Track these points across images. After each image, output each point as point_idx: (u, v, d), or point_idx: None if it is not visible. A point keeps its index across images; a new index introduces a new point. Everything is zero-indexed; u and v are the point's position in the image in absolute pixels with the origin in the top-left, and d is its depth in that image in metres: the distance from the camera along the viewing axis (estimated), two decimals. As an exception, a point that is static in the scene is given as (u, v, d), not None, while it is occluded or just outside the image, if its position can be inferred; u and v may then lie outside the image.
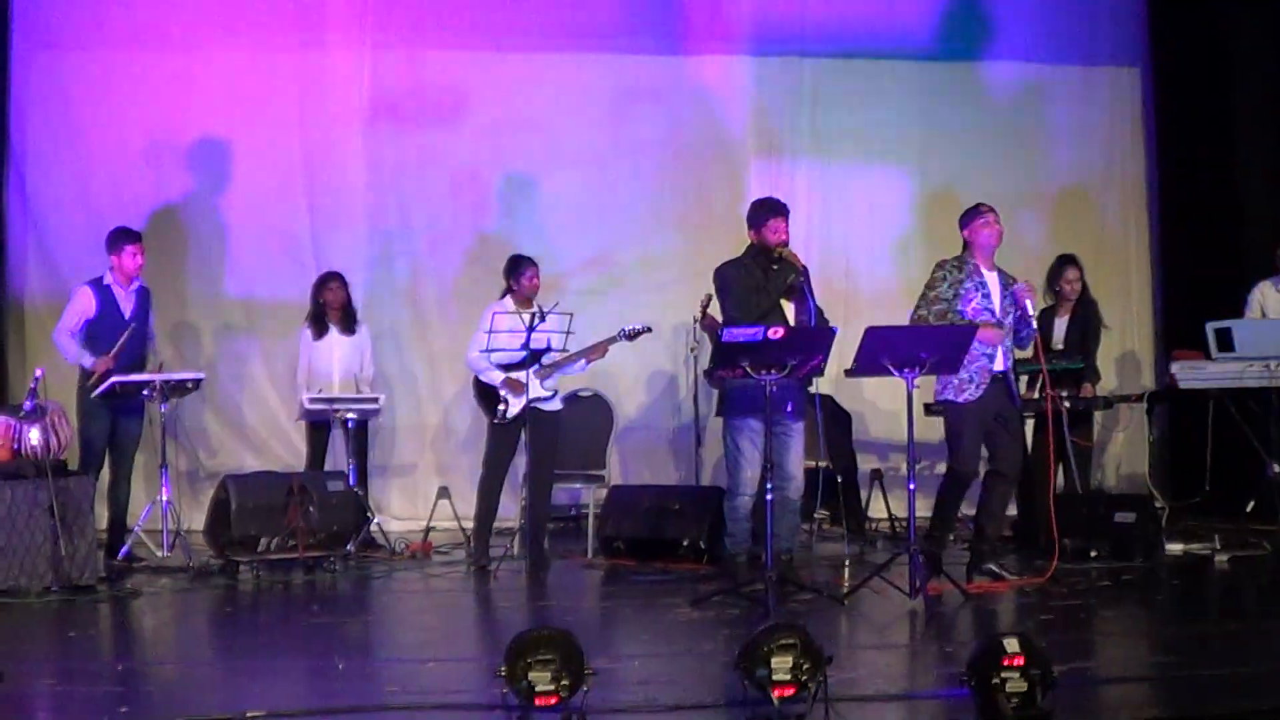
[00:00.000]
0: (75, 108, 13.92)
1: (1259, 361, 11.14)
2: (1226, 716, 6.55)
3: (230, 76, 14.08)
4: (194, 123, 14.06)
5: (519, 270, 11.49)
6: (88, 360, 11.44)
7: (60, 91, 13.89)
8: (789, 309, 10.29)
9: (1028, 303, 10.16)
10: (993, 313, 10.13)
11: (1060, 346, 12.13)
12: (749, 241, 10.47)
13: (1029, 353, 10.79)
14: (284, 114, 14.21)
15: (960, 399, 10.12)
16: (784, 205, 10.51)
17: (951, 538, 10.65)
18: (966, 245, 10.37)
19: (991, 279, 10.25)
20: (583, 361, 11.54)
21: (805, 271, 10.37)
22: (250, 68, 14.13)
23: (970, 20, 15.08)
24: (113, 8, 13.93)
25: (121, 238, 11.69)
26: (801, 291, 10.26)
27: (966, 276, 10.22)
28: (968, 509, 10.85)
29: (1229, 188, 14.20)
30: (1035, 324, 10.32)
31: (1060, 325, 12.20)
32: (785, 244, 10.30)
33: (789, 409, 10.26)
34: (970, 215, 10.39)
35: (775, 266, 10.27)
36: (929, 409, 12.63)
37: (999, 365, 10.13)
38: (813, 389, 10.72)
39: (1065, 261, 12.28)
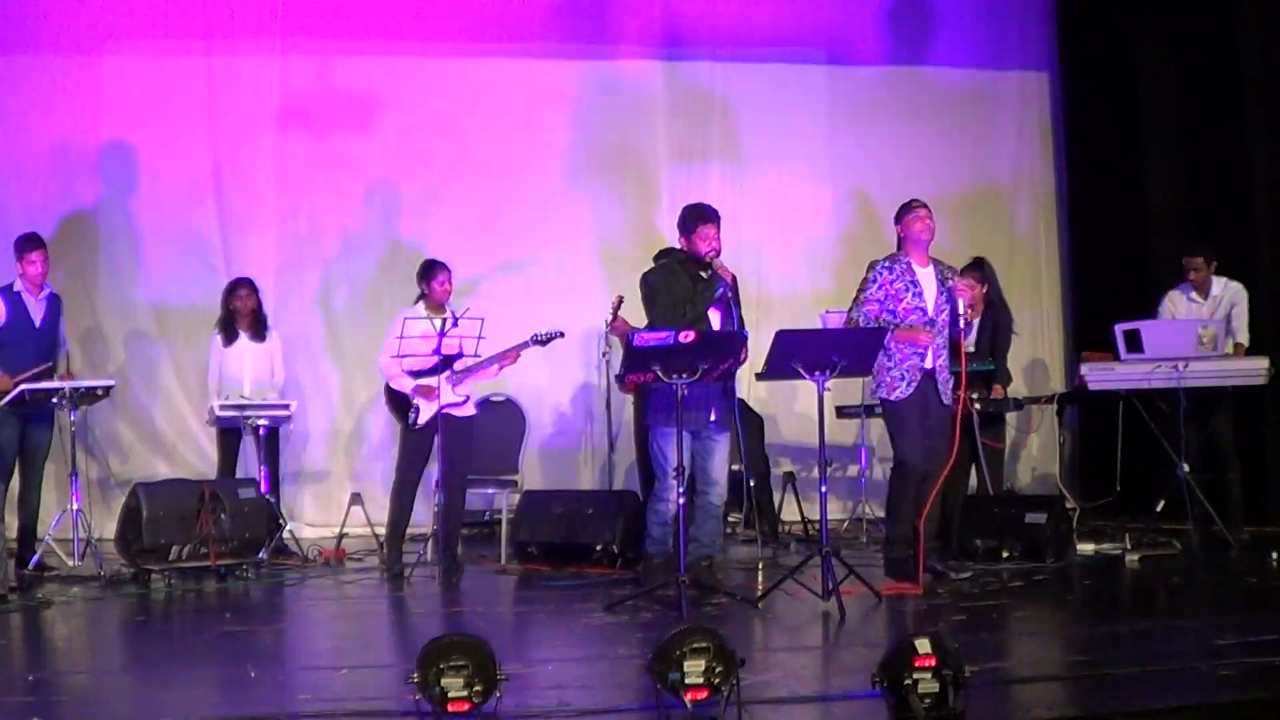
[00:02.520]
0: (-18, 112, 13.82)
1: (1167, 362, 11.24)
2: (1137, 714, 6.59)
3: (139, 81, 14.03)
4: (103, 127, 14.00)
5: (431, 275, 11.41)
6: (-7, 373, 11.39)
7: (-34, 97, 13.79)
8: (714, 318, 10.18)
9: (960, 301, 10.13)
10: (924, 311, 10.14)
11: (971, 349, 12.19)
12: (668, 245, 10.34)
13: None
14: (193, 119, 14.16)
15: (893, 397, 10.15)
16: (716, 212, 10.30)
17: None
18: (901, 242, 10.39)
19: (926, 275, 10.24)
20: (495, 367, 11.49)
21: (734, 281, 10.26)
22: (159, 72, 14.08)
23: (878, 26, 15.16)
24: (18, 10, 13.80)
25: (25, 244, 11.62)
26: (728, 303, 10.14)
27: (897, 276, 10.21)
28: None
29: (1136, 191, 14.32)
30: (964, 323, 10.32)
31: (971, 328, 12.27)
32: (717, 253, 10.14)
33: (712, 418, 10.19)
34: (902, 211, 10.39)
35: (704, 276, 10.15)
36: (841, 412, 12.71)
37: (928, 363, 10.14)
38: (743, 395, 10.67)
39: (968, 266, 12.38)
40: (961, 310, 10.18)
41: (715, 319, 10.18)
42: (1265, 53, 13.05)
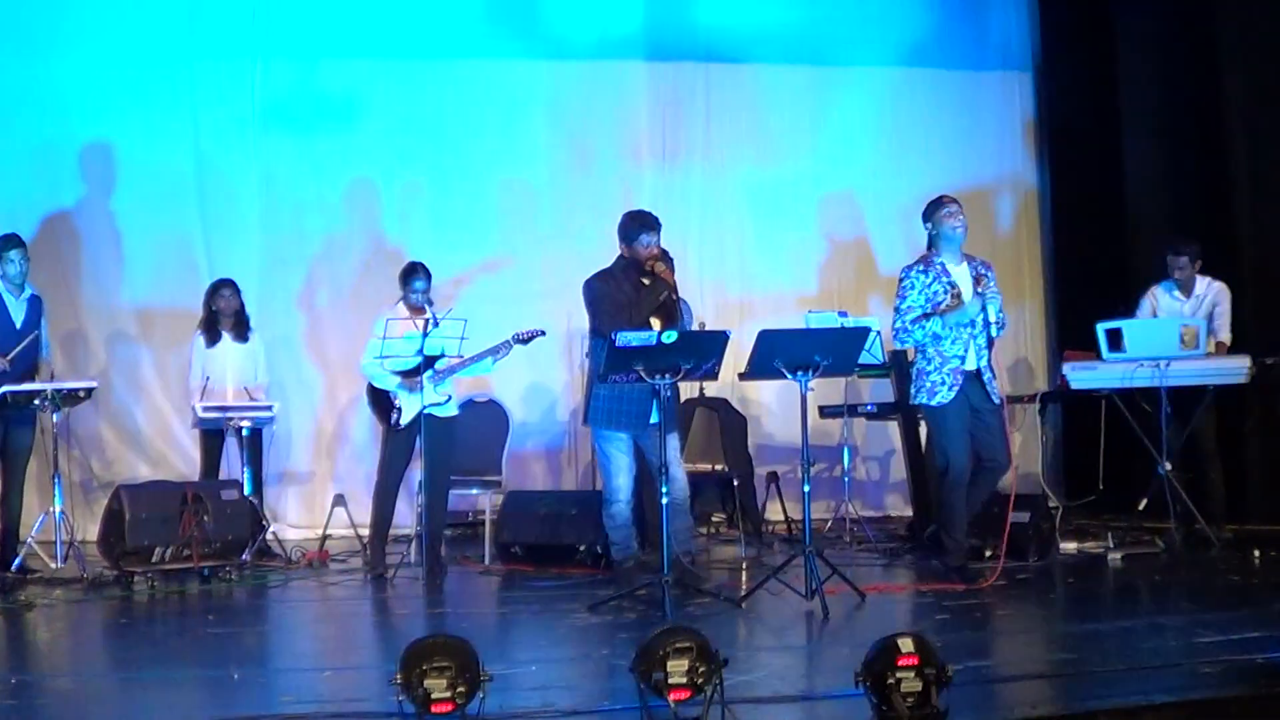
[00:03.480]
0: (-36, 112, 13.78)
1: (1149, 361, 11.22)
2: (1119, 712, 6.60)
3: (121, 81, 13.98)
4: (86, 128, 13.97)
5: (412, 280, 11.40)
6: (-20, 364, 11.33)
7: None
8: (656, 325, 9.94)
9: (992, 308, 10.06)
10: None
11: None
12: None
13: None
14: (176, 120, 14.12)
15: (934, 402, 10.11)
16: (656, 219, 10.24)
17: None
18: (932, 241, 10.26)
19: (961, 273, 10.13)
20: (489, 359, 11.43)
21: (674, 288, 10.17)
22: (142, 72, 14.03)
23: (861, 26, 15.16)
24: (2, 11, 13.77)
25: (3, 243, 11.59)
26: (671, 309, 10.09)
27: (933, 279, 10.10)
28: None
29: (1117, 191, 14.31)
30: (998, 330, 10.18)
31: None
32: (657, 258, 10.09)
33: (653, 420, 9.97)
34: (932, 208, 10.28)
35: (646, 282, 10.11)
36: (824, 412, 12.70)
37: (970, 365, 10.08)
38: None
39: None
40: (993, 319, 10.05)
41: (657, 326, 9.98)
42: (1245, 52, 13.05)
